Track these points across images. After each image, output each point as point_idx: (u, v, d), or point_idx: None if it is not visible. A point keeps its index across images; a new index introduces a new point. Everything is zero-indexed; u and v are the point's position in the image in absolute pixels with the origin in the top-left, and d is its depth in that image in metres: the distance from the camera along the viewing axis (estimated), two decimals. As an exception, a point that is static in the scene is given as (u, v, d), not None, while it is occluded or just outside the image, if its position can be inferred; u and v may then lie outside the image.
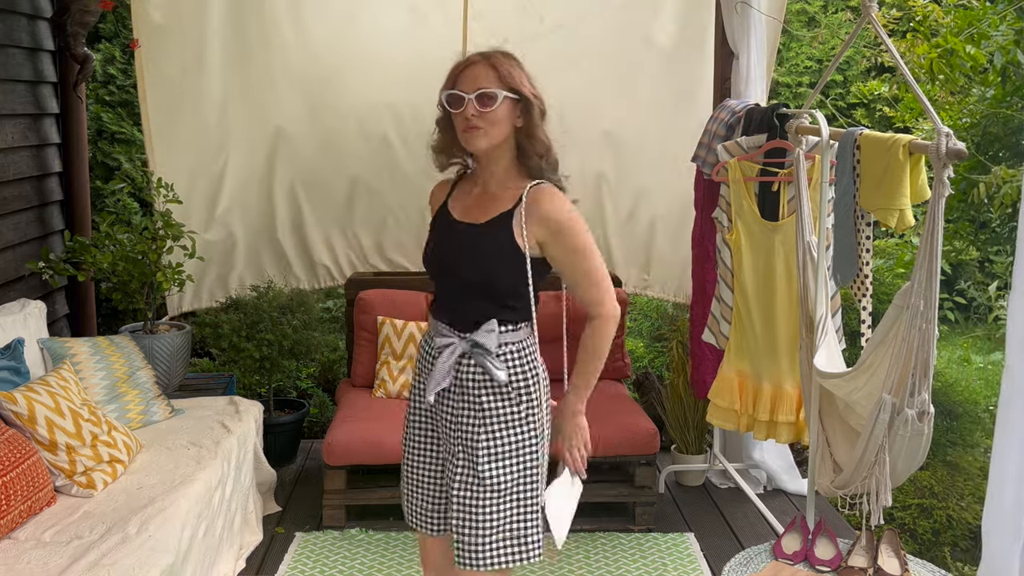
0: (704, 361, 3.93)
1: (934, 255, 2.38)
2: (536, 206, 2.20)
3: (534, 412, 2.29)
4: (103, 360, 3.63)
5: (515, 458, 2.26)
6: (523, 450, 2.27)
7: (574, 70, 4.59)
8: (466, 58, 2.21)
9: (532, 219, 2.19)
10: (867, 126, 3.87)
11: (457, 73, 2.19)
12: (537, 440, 2.29)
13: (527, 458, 2.28)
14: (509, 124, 2.19)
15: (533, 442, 2.29)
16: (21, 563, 2.51)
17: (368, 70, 4.60)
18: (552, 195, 2.21)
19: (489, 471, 2.25)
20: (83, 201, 4.51)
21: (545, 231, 2.21)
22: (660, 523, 3.94)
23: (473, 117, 2.15)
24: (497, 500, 2.25)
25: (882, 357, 2.53)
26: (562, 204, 2.21)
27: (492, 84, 2.15)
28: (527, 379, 2.29)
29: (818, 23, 7.22)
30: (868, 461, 2.57)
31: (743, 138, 3.56)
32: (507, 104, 2.16)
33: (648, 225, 4.85)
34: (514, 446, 2.27)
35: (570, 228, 2.21)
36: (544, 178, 2.25)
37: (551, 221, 2.19)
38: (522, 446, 2.27)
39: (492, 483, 2.25)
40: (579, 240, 2.23)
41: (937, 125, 2.40)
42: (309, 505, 4.08)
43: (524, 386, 2.28)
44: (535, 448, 2.29)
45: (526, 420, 2.28)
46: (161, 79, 4.44)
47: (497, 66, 2.16)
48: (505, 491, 2.25)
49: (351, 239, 4.88)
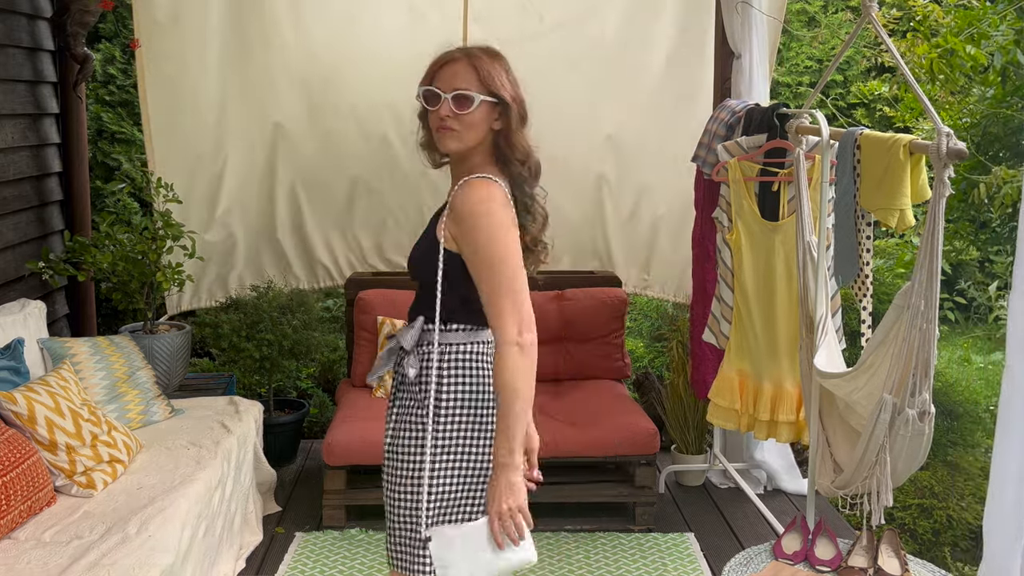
0: (704, 361, 3.93)
1: (934, 255, 2.38)
2: (453, 197, 2.05)
3: (440, 422, 2.07)
4: (103, 360, 3.63)
5: (402, 462, 2.10)
6: (411, 457, 2.08)
7: (574, 71, 4.60)
8: (447, 53, 2.08)
9: (449, 211, 2.05)
10: (867, 126, 3.87)
11: (436, 68, 2.07)
12: (428, 456, 2.07)
13: (412, 467, 2.08)
14: (485, 127, 2.06)
15: (420, 454, 2.07)
16: (21, 563, 2.51)
17: (368, 70, 4.59)
18: (470, 186, 2.03)
19: (385, 466, 2.15)
20: (83, 201, 4.51)
21: (454, 224, 2.04)
22: (660, 523, 3.94)
23: (447, 118, 2.03)
24: (388, 497, 2.14)
25: (883, 357, 2.53)
26: (473, 195, 2.00)
27: (471, 86, 2.02)
28: (440, 382, 2.08)
29: (818, 23, 7.22)
30: (869, 461, 2.57)
31: (743, 138, 3.56)
32: (484, 107, 2.03)
33: (648, 225, 4.85)
34: (404, 449, 2.10)
35: (473, 223, 1.99)
36: (521, 186, 2.11)
37: (455, 212, 2.02)
38: (411, 452, 2.09)
39: (386, 478, 2.15)
40: (481, 239, 1.98)
41: (938, 125, 2.40)
42: (309, 505, 4.08)
43: (434, 389, 2.07)
44: (420, 460, 2.07)
45: (422, 426, 2.07)
46: (161, 79, 4.44)
47: (478, 67, 2.03)
48: (392, 491, 2.12)
49: (351, 239, 4.88)
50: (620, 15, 4.58)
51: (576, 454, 3.83)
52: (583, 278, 4.67)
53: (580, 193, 4.78)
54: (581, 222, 4.81)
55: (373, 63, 4.57)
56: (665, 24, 4.59)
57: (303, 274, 4.88)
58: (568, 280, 4.60)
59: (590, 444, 3.82)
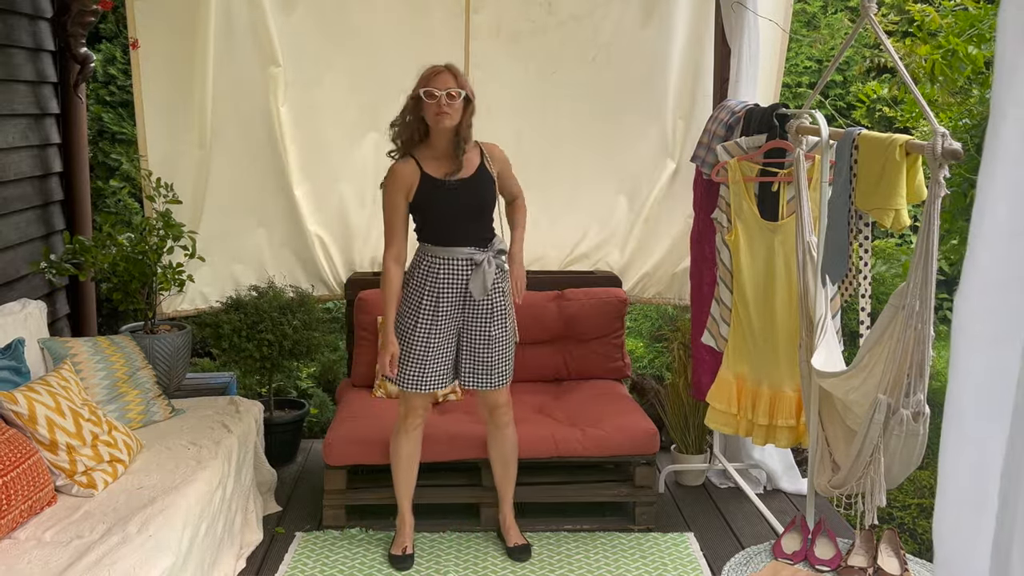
0: (701, 363, 3.94)
1: (930, 255, 2.39)
2: (490, 149, 3.46)
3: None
4: (103, 360, 3.63)
5: (510, 311, 3.51)
6: (511, 306, 3.52)
7: (582, 68, 4.59)
8: (435, 67, 3.27)
9: (492, 159, 3.44)
10: (866, 126, 3.87)
11: (431, 76, 3.25)
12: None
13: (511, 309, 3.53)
14: (461, 112, 3.26)
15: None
16: (22, 563, 2.51)
17: (366, 68, 4.58)
18: (489, 144, 3.47)
19: (495, 324, 3.46)
20: (83, 201, 4.51)
21: (498, 164, 3.48)
22: (660, 523, 3.94)
23: (444, 106, 3.21)
24: (503, 337, 3.49)
25: (878, 357, 2.53)
26: (496, 147, 3.48)
27: (454, 85, 3.23)
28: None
29: (818, 23, 7.23)
30: (863, 461, 2.57)
31: (743, 138, 3.57)
32: (461, 99, 3.25)
33: (649, 225, 4.84)
34: (510, 304, 3.51)
35: (505, 157, 3.51)
36: (467, 144, 3.34)
37: (497, 157, 3.47)
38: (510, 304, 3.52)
39: (498, 331, 3.49)
40: (508, 165, 3.56)
41: (934, 125, 2.41)
42: (309, 505, 4.09)
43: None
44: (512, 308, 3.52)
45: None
46: (158, 79, 4.42)
47: (456, 75, 3.27)
48: (507, 329, 3.50)
49: (349, 239, 4.85)
50: (618, 14, 4.57)
51: (576, 454, 3.83)
52: (583, 278, 4.67)
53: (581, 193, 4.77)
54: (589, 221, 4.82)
55: (371, 61, 4.55)
56: (665, 25, 4.58)
57: (303, 275, 4.85)
58: (568, 280, 4.60)
59: (590, 444, 3.82)
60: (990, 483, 0.88)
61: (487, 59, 4.53)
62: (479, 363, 3.44)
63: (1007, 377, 0.87)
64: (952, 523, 0.90)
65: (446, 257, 3.34)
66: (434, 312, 3.36)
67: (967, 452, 0.88)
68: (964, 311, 0.87)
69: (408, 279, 3.40)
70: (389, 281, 3.35)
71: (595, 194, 4.79)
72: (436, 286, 3.35)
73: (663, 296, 4.92)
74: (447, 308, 3.37)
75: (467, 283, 3.35)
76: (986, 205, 0.87)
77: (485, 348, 3.42)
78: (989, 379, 0.88)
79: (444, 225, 3.35)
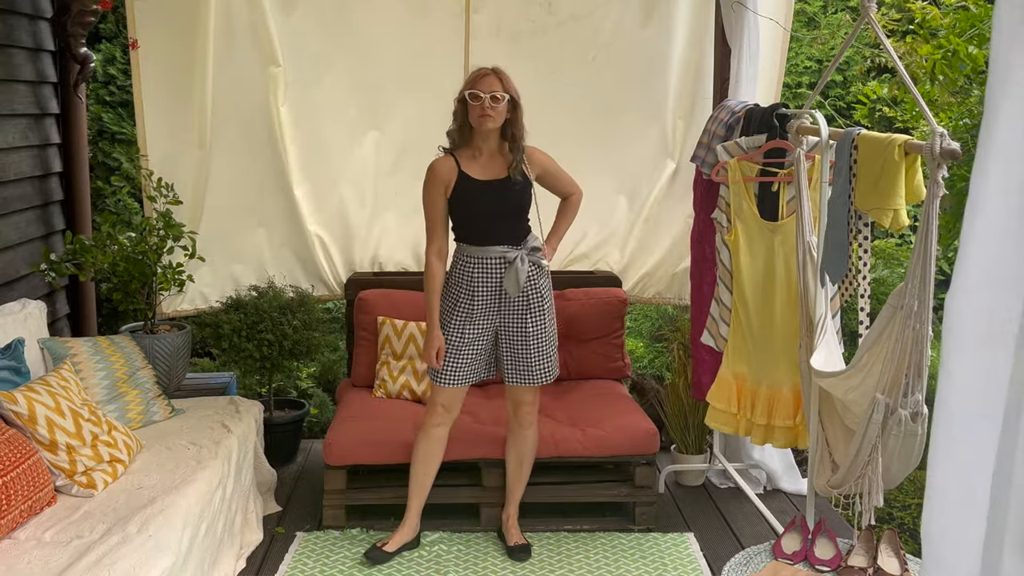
0: (701, 363, 3.94)
1: (928, 256, 2.39)
2: (530, 154, 3.52)
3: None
4: (103, 360, 3.64)
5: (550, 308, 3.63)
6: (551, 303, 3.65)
7: (582, 67, 4.59)
8: (481, 69, 3.39)
9: (530, 162, 3.49)
10: (866, 126, 3.87)
11: (476, 79, 3.37)
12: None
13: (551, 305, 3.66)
14: (504, 114, 3.36)
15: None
16: (22, 563, 2.52)
17: (366, 68, 4.58)
18: (533, 148, 3.53)
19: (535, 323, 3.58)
20: (83, 201, 4.51)
21: (538, 167, 3.57)
22: (660, 523, 3.94)
23: (488, 108, 3.32)
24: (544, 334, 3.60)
25: (876, 357, 2.53)
26: (538, 151, 3.57)
27: (499, 89, 3.33)
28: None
29: (818, 23, 7.22)
30: (862, 461, 2.57)
31: (743, 138, 3.57)
32: (505, 102, 3.33)
33: (649, 225, 4.84)
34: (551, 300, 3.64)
35: (552, 160, 3.63)
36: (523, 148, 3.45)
37: (537, 161, 3.56)
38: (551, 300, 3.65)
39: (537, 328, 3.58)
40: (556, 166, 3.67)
41: (932, 125, 2.41)
42: (309, 505, 4.09)
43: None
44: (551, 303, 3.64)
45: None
46: (158, 79, 4.42)
47: (502, 78, 3.36)
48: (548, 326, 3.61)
49: (349, 239, 4.85)
50: (619, 13, 4.57)
51: (576, 454, 3.83)
52: (583, 278, 4.67)
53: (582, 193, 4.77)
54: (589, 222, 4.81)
55: (371, 60, 4.55)
56: (665, 25, 4.58)
57: (303, 274, 4.85)
58: (568, 280, 4.60)
59: (590, 444, 3.82)
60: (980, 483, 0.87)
61: (487, 59, 4.51)
62: (518, 358, 3.52)
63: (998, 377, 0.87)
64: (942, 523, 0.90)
65: (480, 256, 3.44)
66: (469, 309, 3.46)
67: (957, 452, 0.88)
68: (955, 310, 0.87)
69: (447, 278, 3.52)
70: (432, 276, 3.46)
71: (595, 194, 4.76)
72: (472, 284, 3.45)
73: (663, 296, 4.91)
74: (482, 306, 3.46)
75: (501, 281, 3.44)
76: (979, 203, 0.87)
77: (523, 343, 3.50)
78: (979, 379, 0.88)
79: (478, 225, 3.46)
